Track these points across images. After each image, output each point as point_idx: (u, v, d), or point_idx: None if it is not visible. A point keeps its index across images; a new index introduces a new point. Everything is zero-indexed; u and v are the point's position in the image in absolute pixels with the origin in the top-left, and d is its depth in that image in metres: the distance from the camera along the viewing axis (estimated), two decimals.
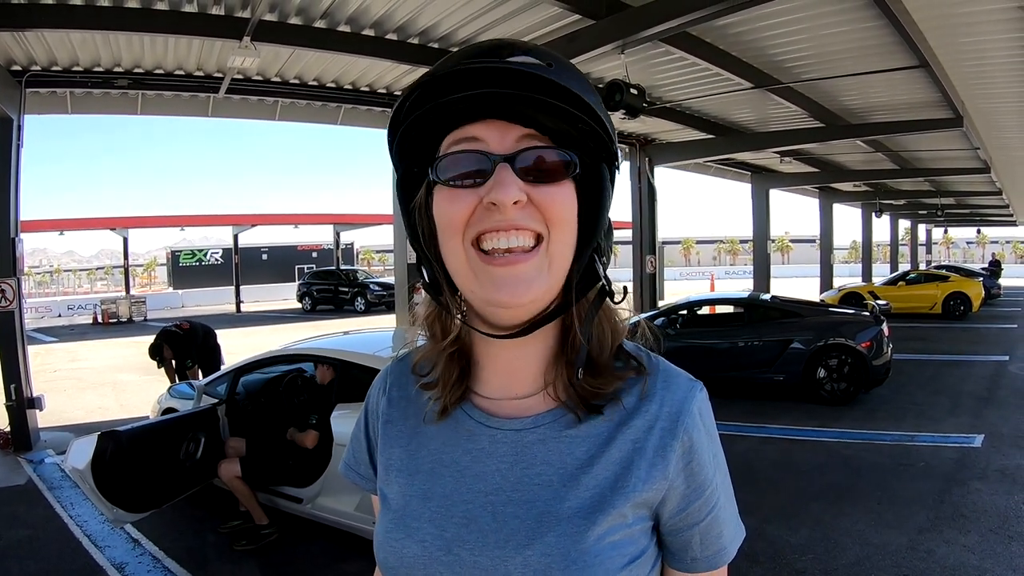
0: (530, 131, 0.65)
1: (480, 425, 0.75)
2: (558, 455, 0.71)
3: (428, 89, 0.64)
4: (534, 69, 0.62)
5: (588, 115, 0.64)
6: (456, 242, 0.67)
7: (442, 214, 0.68)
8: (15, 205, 6.65)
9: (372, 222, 33.12)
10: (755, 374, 8.09)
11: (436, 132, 0.68)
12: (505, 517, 0.70)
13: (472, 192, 0.65)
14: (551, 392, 0.74)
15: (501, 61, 0.62)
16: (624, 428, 0.72)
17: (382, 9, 6.16)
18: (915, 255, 33.74)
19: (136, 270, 54.45)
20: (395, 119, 0.68)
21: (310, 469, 4.29)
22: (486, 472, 0.73)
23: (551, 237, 0.66)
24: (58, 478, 5.77)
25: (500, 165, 0.64)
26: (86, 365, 13.30)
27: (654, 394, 0.73)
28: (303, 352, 4.94)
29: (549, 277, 0.67)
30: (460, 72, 0.62)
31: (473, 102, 0.63)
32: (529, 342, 0.71)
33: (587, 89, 0.66)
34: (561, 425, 0.73)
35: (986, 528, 4.18)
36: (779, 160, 14.47)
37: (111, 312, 23.95)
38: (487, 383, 0.77)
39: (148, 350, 7.66)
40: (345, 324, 18.52)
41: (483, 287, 0.66)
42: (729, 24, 6.37)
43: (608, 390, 0.72)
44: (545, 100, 0.62)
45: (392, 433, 0.81)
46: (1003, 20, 5.83)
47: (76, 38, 6.39)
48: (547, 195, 0.65)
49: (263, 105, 9.01)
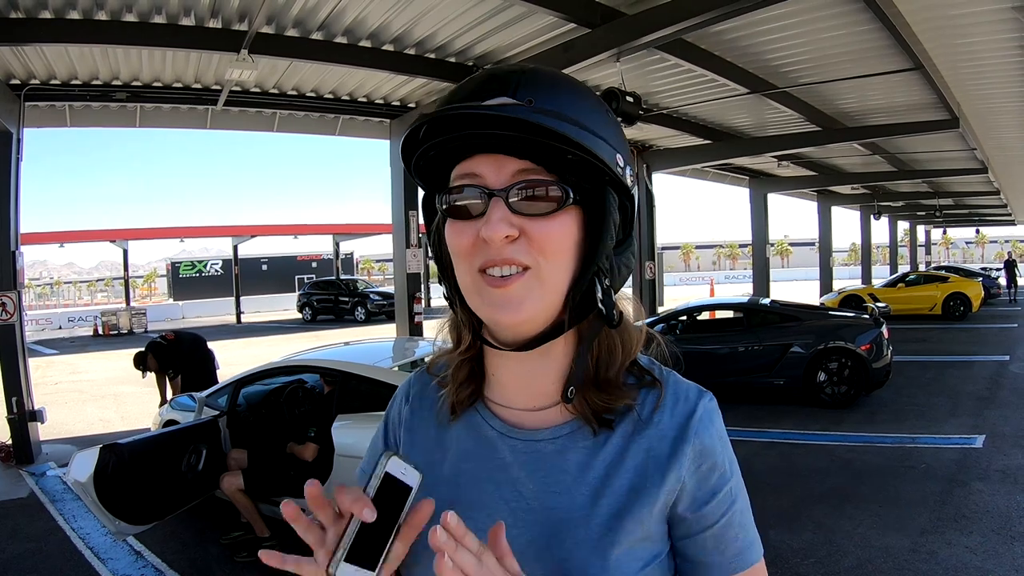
0: (526, 163, 0.67)
1: (501, 436, 0.78)
2: (576, 465, 0.74)
3: (430, 127, 0.68)
4: (509, 112, 0.63)
5: (573, 146, 0.64)
6: (465, 268, 0.70)
7: (451, 242, 0.71)
8: (15, 218, 6.68)
9: (371, 232, 33.17)
10: (756, 379, 8.10)
11: (447, 161, 0.71)
12: (526, 524, 0.72)
13: (472, 225, 0.68)
14: (567, 406, 0.76)
15: (478, 107, 0.64)
16: (638, 438, 0.74)
17: (379, 20, 6.19)
18: (914, 256, 33.78)
19: (136, 282, 54.53)
20: (404, 153, 0.73)
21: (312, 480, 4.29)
22: (507, 481, 0.75)
23: (542, 266, 0.68)
24: (60, 491, 5.77)
25: (493, 200, 0.67)
26: (87, 377, 13.31)
27: (665, 405, 0.75)
28: (304, 363, 4.95)
29: (543, 297, 0.69)
30: (446, 117, 0.65)
31: (465, 141, 0.67)
32: (538, 356, 0.73)
33: (575, 118, 0.65)
34: (579, 437, 0.75)
35: (988, 529, 4.18)
36: (777, 164, 14.50)
37: (111, 324, 23.96)
38: (503, 393, 0.80)
39: (132, 359, 7.74)
40: (345, 334, 18.51)
41: (485, 306, 0.70)
42: (724, 30, 6.40)
43: (617, 405, 0.74)
44: (525, 138, 0.64)
45: (415, 441, 0.84)
46: (997, 21, 5.87)
47: (74, 52, 6.43)
48: (539, 229, 0.67)
49: (261, 117, 9.03)
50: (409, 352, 5.25)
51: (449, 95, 0.70)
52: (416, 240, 8.75)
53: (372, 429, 3.45)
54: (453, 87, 0.72)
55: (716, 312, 10.00)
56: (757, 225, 16.29)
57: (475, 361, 0.80)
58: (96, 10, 5.49)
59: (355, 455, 4.00)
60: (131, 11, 5.58)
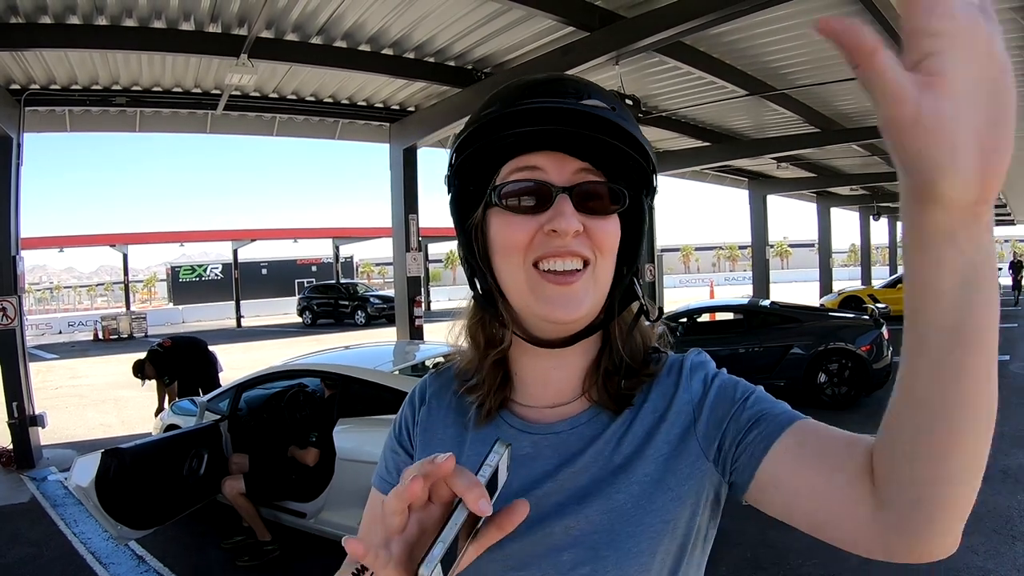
0: (586, 165, 0.71)
1: (522, 433, 0.79)
2: (595, 446, 0.76)
3: (498, 120, 0.70)
4: (604, 113, 0.67)
5: (639, 153, 0.71)
6: (515, 262, 0.72)
7: (502, 236, 0.73)
8: (15, 223, 6.69)
9: (371, 235, 33.13)
10: (756, 380, 7.97)
11: (496, 157, 0.73)
12: (548, 506, 0.73)
13: (532, 219, 0.70)
14: (586, 397, 0.79)
15: (577, 104, 0.67)
16: (644, 406, 0.77)
17: (378, 24, 6.21)
18: None
19: (136, 286, 54.54)
20: (463, 142, 0.73)
21: (313, 484, 4.30)
22: (532, 475, 0.76)
23: (597, 263, 0.72)
24: (61, 495, 5.77)
25: (561, 196, 0.70)
26: (87, 382, 13.31)
27: (664, 371, 0.81)
28: (304, 367, 4.96)
29: (595, 295, 0.73)
30: (535, 110, 0.67)
31: (542, 135, 0.70)
32: (569, 354, 0.77)
33: (637, 127, 0.72)
34: (596, 422, 0.77)
35: (989, 528, 4.18)
36: (776, 166, 14.52)
37: (111, 328, 23.93)
38: (526, 393, 0.82)
39: (132, 366, 7.71)
40: (346, 338, 18.53)
41: (539, 304, 0.71)
42: (723, 33, 6.42)
43: (638, 389, 0.78)
44: (608, 141, 0.69)
45: (432, 441, 0.84)
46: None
47: (74, 57, 6.45)
48: (599, 227, 0.71)
49: (261, 121, 9.04)
50: (410, 356, 5.26)
51: (516, 91, 0.71)
52: (416, 244, 8.76)
53: (373, 433, 3.49)
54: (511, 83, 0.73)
55: (716, 314, 10.01)
56: (756, 227, 16.31)
57: (503, 361, 0.82)
58: (96, 15, 5.51)
59: (356, 459, 4.00)
60: (131, 16, 5.60)
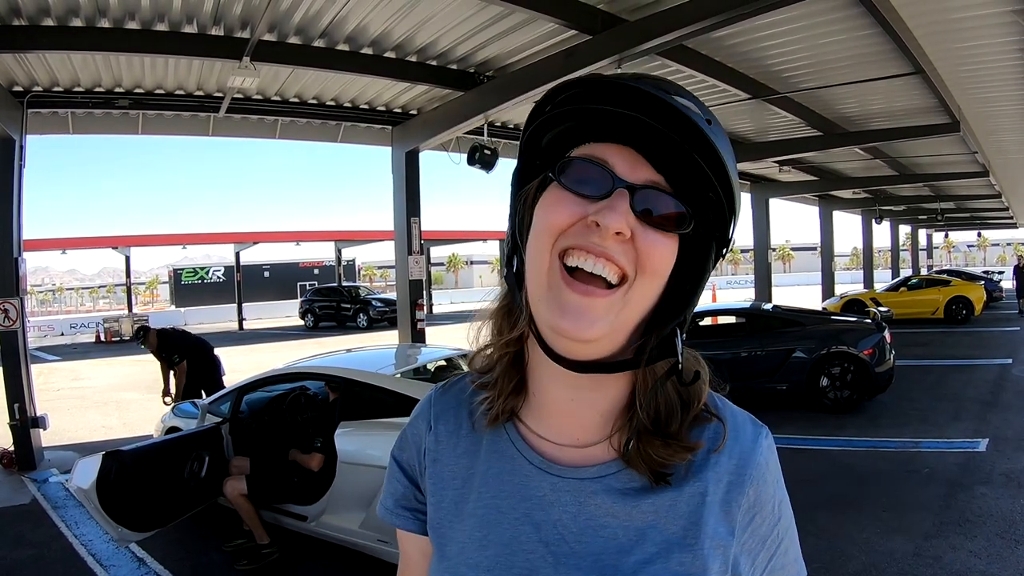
0: (657, 175, 0.63)
1: (541, 472, 0.72)
2: (623, 507, 0.69)
3: (584, 93, 0.63)
4: (697, 118, 0.60)
5: (722, 186, 0.62)
6: (544, 246, 0.64)
7: (543, 212, 0.66)
8: (18, 225, 6.70)
9: (373, 238, 33.20)
10: (758, 384, 8.07)
11: (569, 138, 0.66)
12: (568, 569, 0.67)
13: (581, 203, 0.63)
14: (614, 442, 0.71)
15: (669, 96, 0.60)
16: (693, 481, 0.69)
17: (380, 28, 6.22)
18: (916, 260, 33.80)
19: (138, 288, 54.65)
20: (541, 106, 0.67)
21: (315, 487, 4.29)
22: (547, 521, 0.70)
23: (635, 282, 0.63)
24: (62, 497, 5.77)
25: (619, 191, 0.62)
26: (89, 384, 13.30)
27: (724, 446, 0.71)
28: (306, 370, 4.95)
29: (615, 321, 0.63)
30: (627, 89, 0.60)
31: (624, 123, 0.62)
32: (588, 386, 0.69)
33: (732, 158, 0.63)
34: (627, 477, 0.70)
35: (992, 532, 4.17)
36: (778, 169, 14.50)
37: (113, 330, 23.95)
38: (541, 419, 0.74)
39: (134, 330, 7.62)
40: (348, 341, 18.52)
41: (550, 307, 0.64)
42: (725, 36, 6.42)
43: (676, 461, 0.69)
44: (692, 153, 0.60)
45: (443, 474, 0.78)
46: (997, 25, 5.87)
47: (77, 59, 6.45)
48: (650, 240, 0.63)
49: (263, 124, 9.06)
50: (412, 359, 5.26)
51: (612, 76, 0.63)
52: (418, 247, 8.76)
53: (374, 436, 3.49)
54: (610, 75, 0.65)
55: (718, 318, 9.99)
56: (759, 230, 16.27)
57: (521, 369, 0.75)
58: (99, 17, 5.52)
59: (358, 462, 4.01)
60: (133, 19, 5.61)
